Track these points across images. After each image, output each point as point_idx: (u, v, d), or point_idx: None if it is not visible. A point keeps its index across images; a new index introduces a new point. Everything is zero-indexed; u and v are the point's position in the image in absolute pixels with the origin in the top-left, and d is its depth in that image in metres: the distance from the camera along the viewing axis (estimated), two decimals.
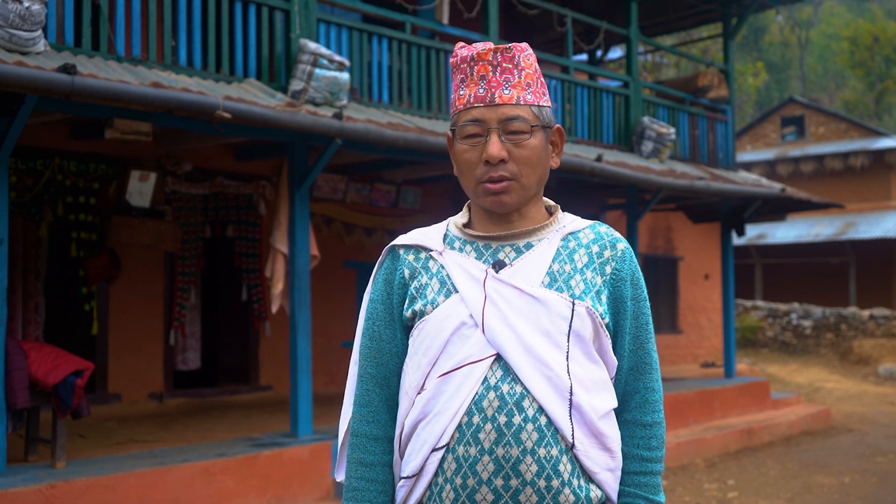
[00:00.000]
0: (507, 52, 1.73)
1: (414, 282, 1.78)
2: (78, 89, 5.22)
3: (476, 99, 1.72)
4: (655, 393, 1.79)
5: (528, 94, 1.73)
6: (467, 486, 1.63)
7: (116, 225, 8.13)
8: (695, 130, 11.76)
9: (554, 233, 1.77)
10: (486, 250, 1.76)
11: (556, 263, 1.73)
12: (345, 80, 7.28)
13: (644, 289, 1.80)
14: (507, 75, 1.72)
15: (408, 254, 1.82)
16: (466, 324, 1.69)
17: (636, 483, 1.73)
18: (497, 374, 1.66)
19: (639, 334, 1.78)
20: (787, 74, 41.57)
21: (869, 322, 18.05)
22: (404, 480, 1.73)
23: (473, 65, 1.73)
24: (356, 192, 9.84)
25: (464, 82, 1.75)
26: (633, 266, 1.78)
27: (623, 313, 1.76)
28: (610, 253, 1.76)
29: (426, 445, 1.68)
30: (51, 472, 5.57)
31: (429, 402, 1.69)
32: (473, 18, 10.06)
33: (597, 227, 1.80)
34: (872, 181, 23.18)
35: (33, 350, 5.80)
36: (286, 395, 9.42)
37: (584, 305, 1.69)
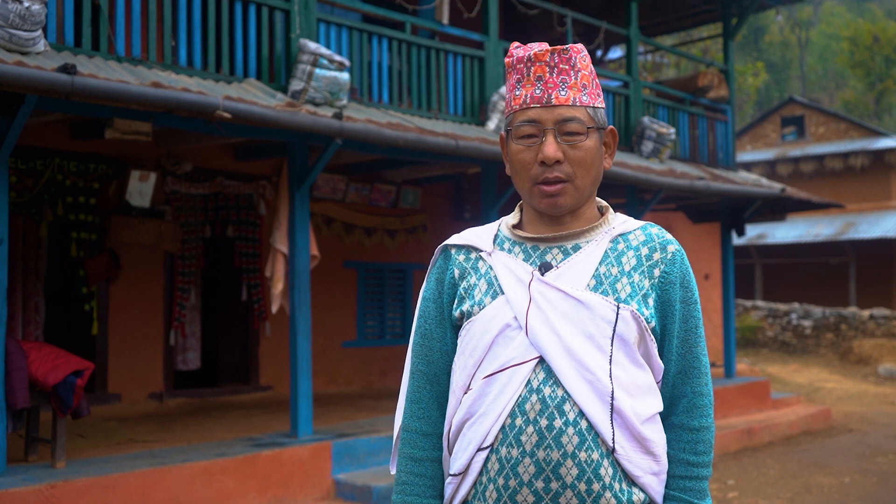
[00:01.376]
0: (565, 54, 1.73)
1: (463, 282, 1.80)
2: (78, 89, 5.22)
3: (533, 99, 1.72)
4: (704, 397, 1.77)
5: (584, 95, 1.73)
6: (509, 487, 1.65)
7: (116, 225, 8.13)
8: (695, 130, 11.76)
9: (603, 234, 1.77)
10: (534, 252, 1.76)
11: (602, 266, 1.73)
12: (345, 80, 7.28)
13: (695, 292, 1.78)
14: (563, 76, 1.72)
15: (459, 254, 1.83)
16: (511, 326, 1.70)
17: (681, 487, 1.72)
18: (540, 376, 1.67)
19: (688, 338, 1.76)
20: (787, 74, 41.57)
21: (869, 322, 18.04)
22: (451, 478, 1.75)
23: (530, 65, 1.73)
24: (356, 192, 9.84)
25: (520, 82, 1.74)
26: (683, 269, 1.76)
27: (671, 317, 1.75)
28: (659, 255, 1.75)
29: (472, 445, 1.70)
30: (51, 472, 5.57)
31: (474, 402, 1.71)
32: (473, 18, 10.06)
33: (648, 229, 1.79)
34: (872, 181, 23.18)
35: (33, 350, 5.80)
36: (286, 395, 9.41)
37: (629, 309, 1.69)
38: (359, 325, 10.55)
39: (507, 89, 1.79)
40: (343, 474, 6.72)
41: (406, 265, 10.99)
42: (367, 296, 10.67)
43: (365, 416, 8.26)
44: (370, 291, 10.72)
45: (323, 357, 9.79)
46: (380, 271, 10.80)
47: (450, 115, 8.71)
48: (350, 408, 8.82)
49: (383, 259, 10.74)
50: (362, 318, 10.59)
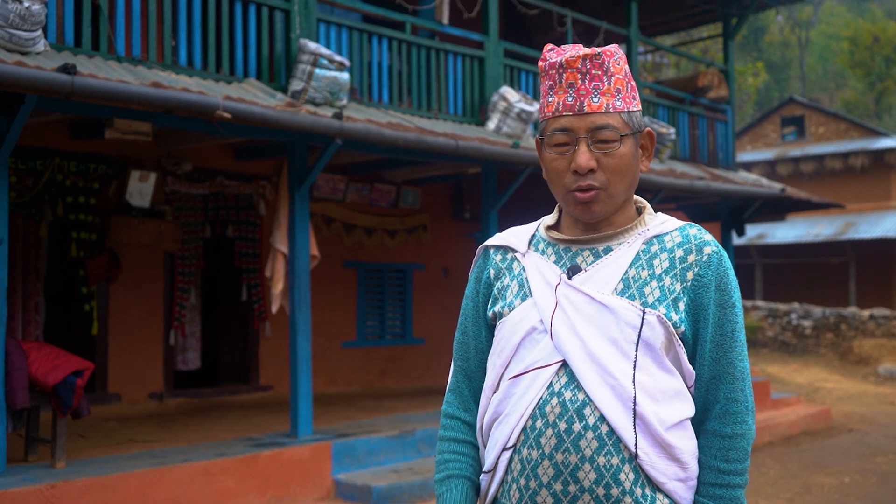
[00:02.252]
0: (597, 59, 1.70)
1: (498, 282, 1.81)
2: (78, 89, 5.22)
3: (565, 107, 1.70)
4: (739, 404, 1.70)
5: (617, 100, 1.70)
6: (530, 488, 1.66)
7: (116, 225, 8.13)
8: (695, 130, 11.76)
9: (636, 236, 1.75)
10: (566, 254, 1.76)
11: (632, 269, 1.71)
12: (345, 80, 7.28)
13: (734, 295, 1.72)
14: (596, 83, 1.69)
15: (496, 254, 1.85)
16: (537, 329, 1.71)
17: (711, 495, 1.68)
18: (562, 380, 1.67)
19: (722, 342, 1.70)
20: (787, 74, 41.57)
21: (869, 322, 18.04)
22: (484, 474, 1.78)
23: (562, 72, 1.71)
24: (356, 192, 9.84)
25: (552, 89, 1.72)
26: (720, 271, 1.71)
27: (704, 321, 1.70)
28: (694, 258, 1.71)
29: (498, 444, 1.73)
30: (51, 472, 5.57)
31: (500, 402, 1.73)
32: (473, 18, 10.06)
33: (686, 230, 1.75)
34: (872, 181, 23.17)
35: (33, 350, 5.80)
36: (286, 395, 9.41)
37: (656, 314, 1.66)
38: (359, 325, 10.55)
39: (541, 94, 1.77)
40: (343, 474, 6.72)
41: (406, 265, 10.99)
42: (367, 296, 10.67)
43: (365, 416, 8.27)
44: (370, 291, 10.72)
45: (323, 357, 9.79)
46: (380, 271, 10.80)
47: (450, 115, 8.71)
48: (350, 408, 8.83)
49: (383, 259, 10.74)
50: (362, 318, 10.59)
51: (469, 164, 8.74)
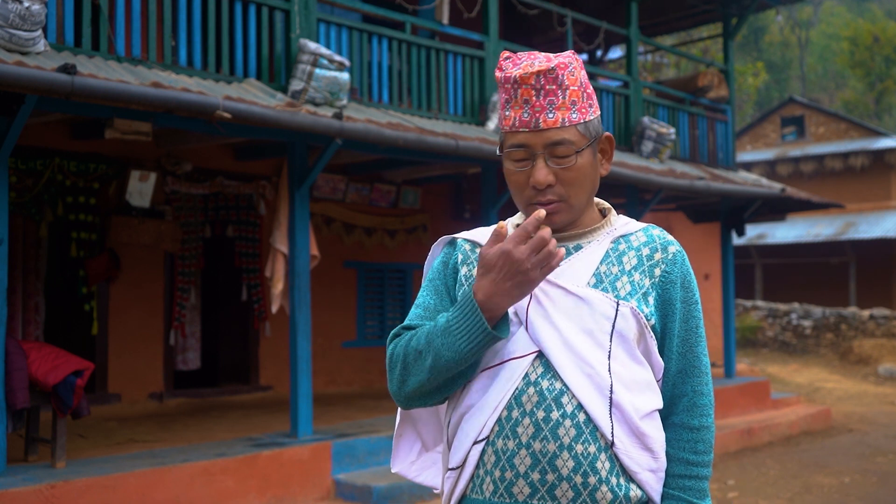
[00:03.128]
0: (551, 74, 1.70)
1: (464, 268, 1.81)
2: (78, 89, 5.22)
3: (521, 123, 1.71)
4: (704, 397, 1.77)
5: (573, 112, 1.71)
6: (505, 479, 1.66)
7: (116, 225, 8.13)
8: (695, 130, 11.76)
9: (604, 235, 1.80)
10: None
11: (603, 265, 1.75)
12: (345, 80, 7.28)
13: (696, 292, 1.80)
14: (550, 98, 1.70)
15: (465, 244, 1.85)
16: (511, 321, 1.71)
17: (680, 486, 1.73)
18: (538, 370, 1.68)
19: (688, 337, 1.77)
20: (787, 74, 41.56)
21: (869, 322, 18.04)
22: (451, 471, 1.76)
23: (517, 87, 1.71)
24: (356, 192, 9.84)
25: (508, 103, 1.74)
26: (684, 269, 1.78)
27: (671, 316, 1.76)
28: (661, 255, 1.77)
29: (469, 437, 1.71)
30: (51, 472, 5.57)
31: (472, 395, 1.72)
32: (473, 18, 10.06)
33: (650, 230, 1.81)
34: (872, 181, 23.18)
35: (33, 350, 5.80)
36: (286, 395, 9.41)
37: (629, 306, 1.70)
38: (359, 325, 10.55)
39: (500, 105, 1.78)
40: (343, 474, 6.72)
41: (406, 265, 10.99)
42: (367, 296, 10.67)
43: (365, 416, 8.26)
44: (370, 291, 10.72)
45: (323, 357, 9.79)
46: (380, 271, 10.80)
47: (450, 115, 8.71)
48: (350, 408, 8.83)
49: (383, 259, 10.74)
50: (362, 318, 10.59)
51: (469, 164, 8.74)
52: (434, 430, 1.94)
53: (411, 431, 1.94)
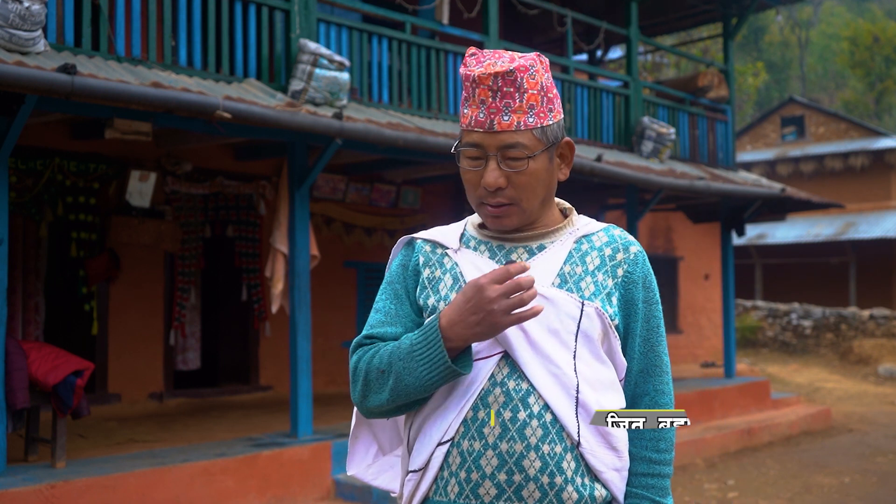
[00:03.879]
0: (509, 76, 1.68)
1: (427, 270, 1.80)
2: (78, 89, 5.22)
3: (476, 123, 1.70)
4: (666, 396, 1.79)
5: (529, 117, 1.69)
6: (471, 480, 1.65)
7: (116, 225, 8.13)
8: (695, 130, 11.76)
9: (567, 235, 1.79)
10: (500, 251, 1.78)
11: (567, 265, 1.75)
12: (345, 80, 7.28)
13: (656, 292, 1.81)
14: (507, 100, 1.68)
15: (425, 244, 1.84)
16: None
17: (643, 484, 1.74)
18: (504, 370, 1.68)
19: (650, 337, 1.79)
20: (787, 74, 41.56)
21: (869, 322, 18.04)
22: (411, 474, 1.74)
23: (475, 87, 1.70)
24: (356, 192, 9.84)
25: (467, 101, 1.73)
26: (645, 269, 1.79)
27: (634, 315, 1.77)
28: (623, 256, 1.77)
29: (432, 440, 1.70)
30: (51, 472, 5.57)
31: (435, 397, 1.71)
32: (473, 18, 10.06)
33: (611, 231, 1.82)
34: (872, 181, 23.18)
35: (33, 350, 5.80)
36: (286, 395, 9.41)
37: (594, 306, 1.71)
38: (359, 325, 10.55)
39: (461, 102, 1.78)
40: (343, 474, 6.71)
41: None
42: (367, 296, 10.67)
43: None
44: (370, 291, 10.71)
45: (323, 357, 9.79)
46: (380, 271, 10.79)
47: (450, 115, 8.71)
48: (350, 408, 8.78)
49: (383, 259, 10.72)
50: (362, 318, 10.59)
51: None
52: (391, 434, 1.92)
53: (367, 434, 1.92)
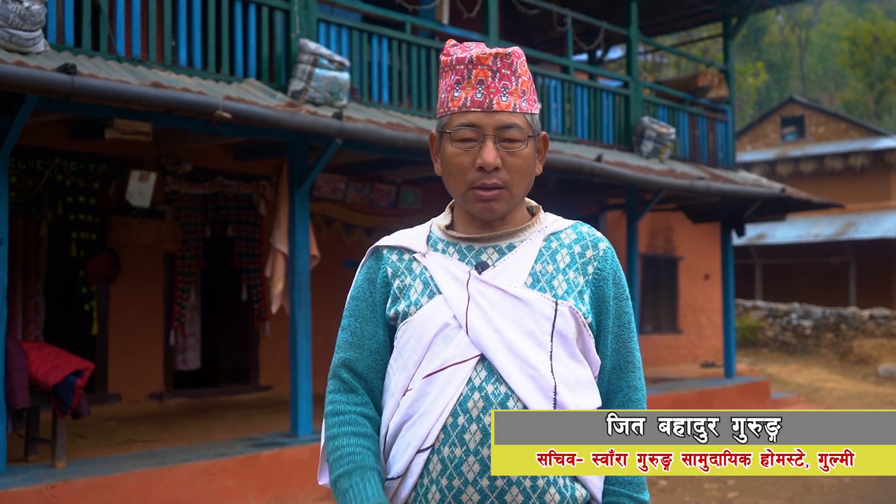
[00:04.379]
0: (507, 59, 1.71)
1: (396, 281, 1.77)
2: (78, 89, 5.22)
3: (473, 103, 1.70)
4: (639, 391, 1.78)
5: (523, 101, 1.72)
6: (453, 487, 1.63)
7: (116, 225, 8.13)
8: (695, 130, 11.76)
9: (536, 234, 1.78)
10: (469, 252, 1.76)
11: (538, 264, 1.73)
12: (345, 80, 7.28)
13: (626, 288, 1.80)
14: (505, 82, 1.70)
15: (391, 253, 1.81)
16: (450, 325, 1.69)
17: (619, 481, 1.72)
18: (481, 374, 1.66)
19: (621, 333, 1.78)
20: (787, 74, 41.57)
21: (869, 322, 18.05)
22: (389, 482, 1.71)
23: (472, 67, 1.71)
24: (356, 192, 9.84)
25: (459, 84, 1.72)
26: (614, 266, 1.78)
27: (605, 312, 1.76)
28: (592, 253, 1.76)
29: (411, 447, 1.67)
30: (51, 472, 5.57)
31: (413, 403, 1.68)
32: (473, 18, 10.06)
33: (578, 227, 1.81)
34: (872, 181, 23.18)
35: (33, 350, 5.80)
36: (286, 395, 9.41)
37: (567, 305, 1.69)
38: None
39: (444, 89, 1.76)
40: None
41: None
42: None
43: None
44: None
45: (323, 357, 9.77)
46: None
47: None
48: None
49: None
50: None
51: None
52: None
53: None
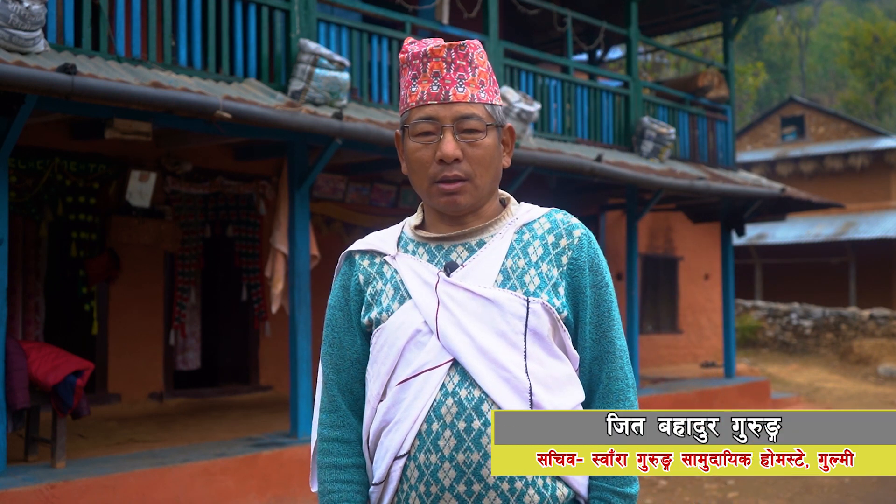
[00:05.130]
0: (461, 49, 1.70)
1: (369, 287, 1.75)
2: (78, 89, 5.22)
3: (430, 96, 1.68)
4: (620, 381, 1.73)
5: (481, 92, 1.70)
6: (431, 493, 1.62)
7: (116, 225, 8.13)
8: (695, 130, 11.76)
9: (507, 227, 1.74)
10: (439, 252, 1.73)
11: (509, 259, 1.69)
12: (345, 80, 7.28)
13: (606, 275, 1.74)
14: (461, 73, 1.69)
15: (363, 259, 1.78)
16: (421, 331, 1.67)
17: (604, 477, 1.68)
18: (455, 379, 1.63)
19: (600, 323, 1.72)
20: (787, 74, 41.57)
21: (869, 322, 18.05)
22: (374, 487, 1.72)
23: (427, 61, 1.69)
24: (356, 192, 9.83)
25: (416, 78, 1.71)
26: (591, 252, 1.72)
27: (583, 303, 1.71)
28: (566, 241, 1.71)
29: (389, 453, 1.66)
30: (51, 472, 5.57)
31: (388, 410, 1.67)
32: (473, 18, 10.06)
33: (553, 215, 1.76)
34: (872, 181, 23.18)
35: (33, 350, 5.80)
36: (286, 395, 9.41)
37: (540, 302, 1.65)
38: None
39: (403, 86, 1.74)
40: None
41: None
42: None
43: None
44: None
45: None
46: None
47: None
48: None
49: None
50: None
51: None
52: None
53: None
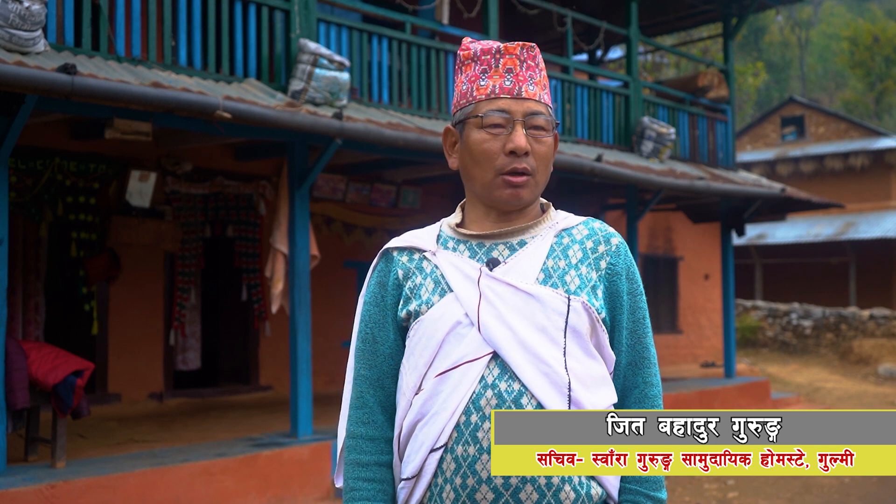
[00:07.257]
0: (532, 51, 1.76)
1: (408, 282, 1.77)
2: (78, 89, 5.22)
3: (502, 90, 1.72)
4: (654, 387, 1.77)
5: (545, 94, 1.76)
6: (467, 486, 1.62)
7: (116, 225, 8.13)
8: (695, 130, 11.76)
9: (547, 229, 1.77)
10: (480, 249, 1.75)
11: (550, 260, 1.72)
12: (345, 80, 7.28)
13: (640, 283, 1.80)
14: (531, 72, 1.74)
15: (401, 255, 1.81)
16: (462, 323, 1.68)
17: (636, 479, 1.70)
18: (494, 372, 1.65)
19: (636, 329, 1.77)
20: (787, 74, 41.56)
21: (869, 322, 18.05)
22: (404, 482, 1.71)
23: (499, 57, 1.74)
24: (356, 192, 9.84)
25: (485, 73, 1.74)
26: (628, 261, 1.77)
27: (619, 308, 1.75)
28: (604, 248, 1.76)
29: (424, 446, 1.66)
30: (51, 472, 5.57)
31: (426, 402, 1.68)
32: (473, 18, 10.06)
33: (590, 223, 1.80)
34: (872, 181, 23.18)
35: (33, 350, 5.80)
36: (286, 395, 9.41)
37: (580, 300, 1.68)
38: None
39: (466, 80, 1.77)
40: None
41: None
42: None
43: None
44: None
45: (323, 357, 9.79)
46: None
47: (450, 115, 8.70)
48: None
49: None
50: None
51: None
52: None
53: None
